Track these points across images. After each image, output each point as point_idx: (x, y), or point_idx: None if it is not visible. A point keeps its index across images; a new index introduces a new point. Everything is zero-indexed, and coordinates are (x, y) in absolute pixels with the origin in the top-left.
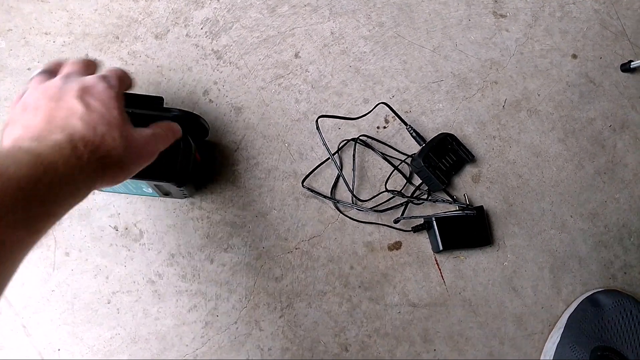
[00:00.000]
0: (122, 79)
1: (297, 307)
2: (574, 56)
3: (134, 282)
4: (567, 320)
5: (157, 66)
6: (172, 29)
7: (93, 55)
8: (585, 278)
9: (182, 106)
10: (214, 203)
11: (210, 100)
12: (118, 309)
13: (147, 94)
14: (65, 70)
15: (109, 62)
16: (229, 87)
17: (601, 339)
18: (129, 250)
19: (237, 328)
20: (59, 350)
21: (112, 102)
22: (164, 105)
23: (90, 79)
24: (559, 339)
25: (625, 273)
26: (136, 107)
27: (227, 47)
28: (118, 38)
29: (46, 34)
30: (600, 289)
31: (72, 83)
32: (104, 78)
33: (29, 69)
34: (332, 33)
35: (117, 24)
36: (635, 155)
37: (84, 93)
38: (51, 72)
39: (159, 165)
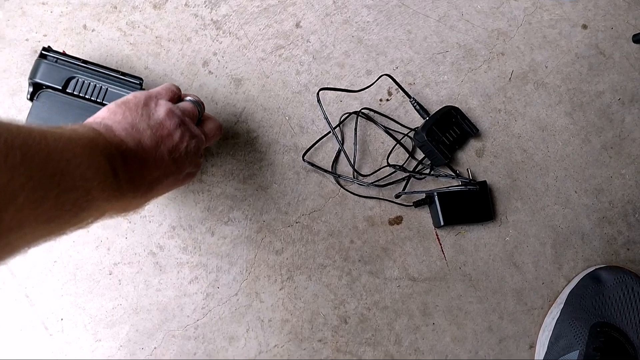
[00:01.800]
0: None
1: (297, 280)
2: (584, 26)
3: (135, 254)
4: (568, 296)
5: (156, 37)
6: None
7: (91, 25)
8: (587, 254)
9: (182, 77)
10: (214, 176)
11: (210, 71)
12: (120, 280)
13: (128, 73)
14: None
15: (107, 33)
16: (229, 58)
17: (601, 315)
18: (129, 222)
19: (237, 300)
20: (61, 319)
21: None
22: (142, 87)
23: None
24: (558, 314)
25: (628, 249)
26: (113, 85)
27: (226, 17)
28: (116, 8)
29: (43, 4)
30: (602, 265)
31: (193, 145)
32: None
33: (26, 39)
34: (334, 2)
35: None
36: None
37: (194, 158)
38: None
39: None
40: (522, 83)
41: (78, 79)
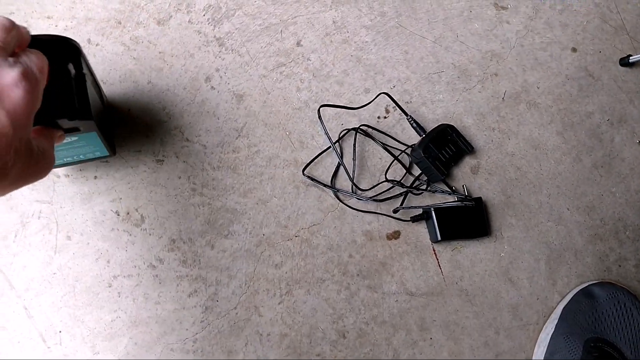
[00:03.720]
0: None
1: (296, 294)
2: (574, 49)
3: (135, 267)
4: (562, 311)
5: (159, 52)
6: (175, 15)
7: (95, 40)
8: (580, 270)
9: (184, 92)
10: (215, 190)
11: (212, 87)
12: (119, 293)
13: None
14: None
15: (111, 48)
16: (231, 75)
17: (595, 330)
18: (130, 234)
19: (236, 313)
20: (60, 332)
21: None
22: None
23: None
24: (553, 329)
25: (620, 266)
26: None
27: (229, 35)
28: (120, 23)
29: (48, 17)
30: (595, 281)
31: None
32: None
33: None
34: (334, 22)
35: (119, 9)
36: (632, 150)
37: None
38: None
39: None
40: (515, 103)
41: None
